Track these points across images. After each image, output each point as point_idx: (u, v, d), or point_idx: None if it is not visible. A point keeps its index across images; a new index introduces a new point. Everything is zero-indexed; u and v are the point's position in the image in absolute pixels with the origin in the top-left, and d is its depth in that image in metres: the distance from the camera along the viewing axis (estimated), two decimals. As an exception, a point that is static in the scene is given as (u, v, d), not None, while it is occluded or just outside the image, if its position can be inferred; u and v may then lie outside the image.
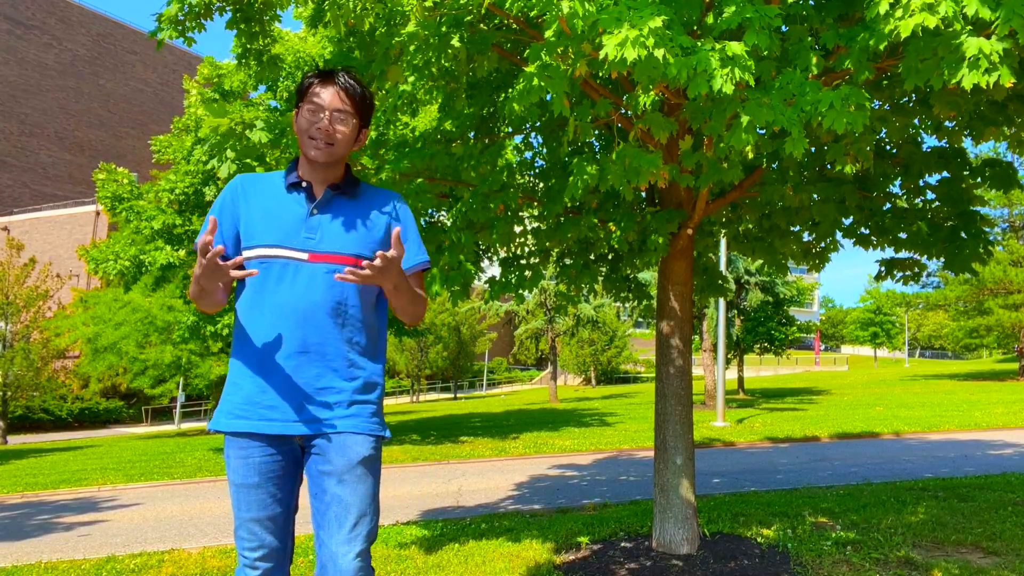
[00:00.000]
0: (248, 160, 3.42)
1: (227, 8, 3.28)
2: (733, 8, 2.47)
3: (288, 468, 1.93)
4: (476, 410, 26.77)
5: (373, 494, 1.92)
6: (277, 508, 1.91)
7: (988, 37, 2.21)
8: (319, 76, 1.97)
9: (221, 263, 1.75)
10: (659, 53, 2.20)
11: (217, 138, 3.25)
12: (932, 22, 2.11)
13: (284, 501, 1.93)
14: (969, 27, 2.22)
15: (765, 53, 2.51)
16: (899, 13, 2.19)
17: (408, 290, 1.94)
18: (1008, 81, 2.15)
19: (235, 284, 2.05)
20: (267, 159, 3.68)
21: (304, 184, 1.97)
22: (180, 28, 3.16)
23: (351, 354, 1.94)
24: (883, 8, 2.24)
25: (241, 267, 1.84)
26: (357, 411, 1.94)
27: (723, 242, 12.51)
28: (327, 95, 1.94)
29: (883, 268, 4.85)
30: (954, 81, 2.22)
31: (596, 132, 4.28)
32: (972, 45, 2.17)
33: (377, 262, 1.76)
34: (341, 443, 1.90)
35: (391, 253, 1.77)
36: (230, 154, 3.28)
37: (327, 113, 1.93)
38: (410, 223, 2.08)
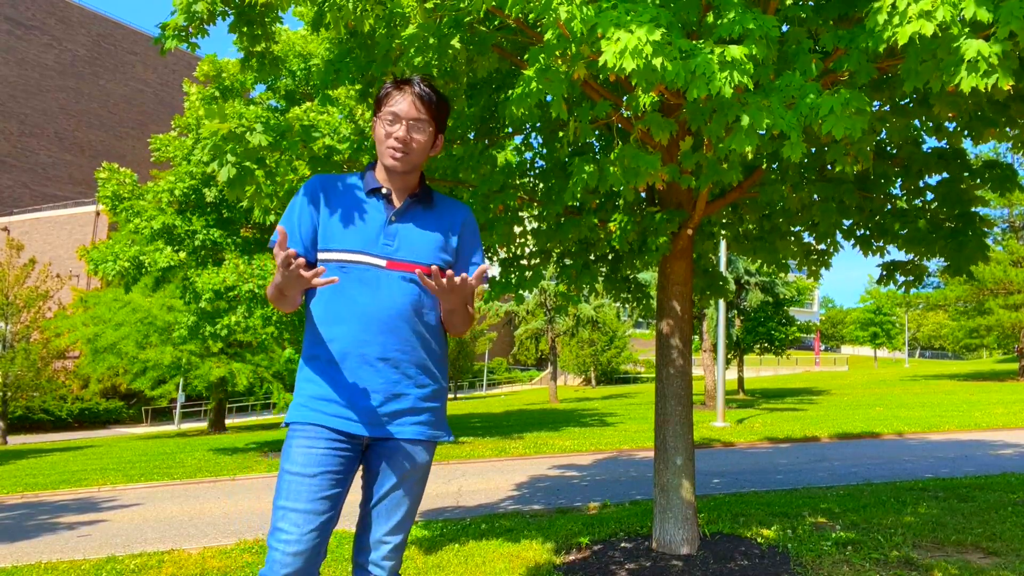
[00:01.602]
0: (248, 163, 3.42)
1: (229, 12, 3.28)
2: (733, 14, 2.47)
3: (346, 467, 1.93)
4: (476, 410, 26.77)
5: (421, 496, 2.06)
6: (326, 504, 1.89)
7: (987, 39, 2.21)
8: (396, 85, 2.00)
9: (303, 274, 1.75)
10: (657, 61, 2.20)
11: (217, 141, 3.25)
12: (929, 29, 2.12)
13: (333, 499, 1.91)
14: (967, 29, 2.22)
15: (763, 60, 2.52)
16: (896, 20, 2.20)
17: (464, 310, 2.01)
18: (1006, 84, 2.15)
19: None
20: (267, 161, 3.68)
21: (384, 191, 2.00)
22: (184, 35, 3.16)
23: (426, 362, 2.00)
24: (882, 17, 2.24)
25: (316, 271, 1.84)
26: (426, 418, 2.00)
27: (723, 242, 12.51)
28: (404, 104, 1.97)
29: (884, 272, 4.83)
30: (953, 84, 2.22)
31: (596, 133, 4.29)
32: (971, 48, 2.17)
33: (456, 280, 1.80)
34: (408, 450, 1.98)
35: (472, 280, 1.83)
36: (231, 158, 3.28)
37: (404, 123, 1.96)
38: (477, 240, 2.13)
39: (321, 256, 1.97)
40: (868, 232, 4.70)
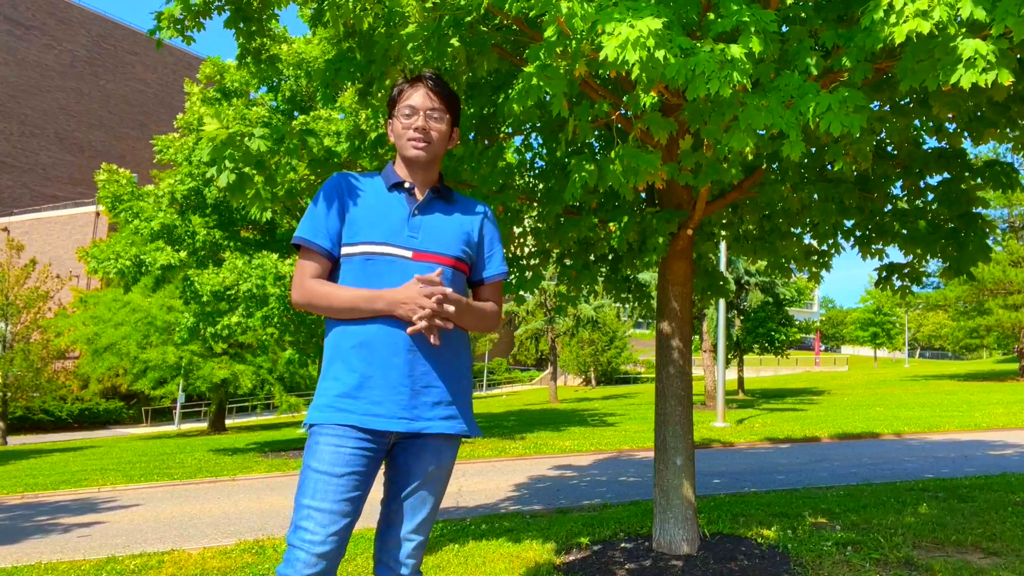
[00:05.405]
0: (247, 168, 3.42)
1: (225, 7, 3.28)
2: (734, 7, 2.47)
3: (372, 466, 1.92)
4: (476, 410, 26.76)
5: (444, 494, 2.10)
6: (351, 505, 1.87)
7: (984, 39, 2.21)
8: (408, 82, 2.06)
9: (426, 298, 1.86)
10: (660, 54, 2.19)
11: (217, 145, 3.24)
12: (926, 28, 2.12)
13: (357, 500, 1.89)
14: (964, 29, 2.22)
15: (762, 57, 2.51)
16: (893, 19, 2.20)
17: (471, 312, 2.01)
18: (1007, 79, 2.14)
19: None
20: (266, 164, 3.68)
21: (407, 185, 2.04)
22: (179, 27, 3.16)
23: (452, 356, 1.99)
24: (878, 15, 2.24)
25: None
26: (455, 411, 1.99)
27: (723, 243, 12.51)
28: (418, 97, 2.02)
29: (882, 275, 4.81)
30: (951, 82, 2.22)
31: (596, 132, 4.28)
32: (968, 47, 2.17)
33: (448, 309, 1.88)
34: (436, 447, 1.99)
35: (451, 309, 1.88)
36: (229, 164, 3.28)
37: (421, 113, 2.01)
38: (497, 234, 2.17)
39: (345, 251, 1.98)
40: (869, 233, 4.69)
